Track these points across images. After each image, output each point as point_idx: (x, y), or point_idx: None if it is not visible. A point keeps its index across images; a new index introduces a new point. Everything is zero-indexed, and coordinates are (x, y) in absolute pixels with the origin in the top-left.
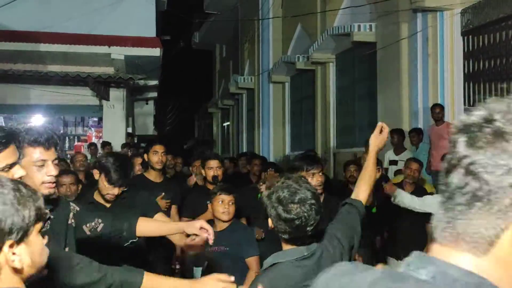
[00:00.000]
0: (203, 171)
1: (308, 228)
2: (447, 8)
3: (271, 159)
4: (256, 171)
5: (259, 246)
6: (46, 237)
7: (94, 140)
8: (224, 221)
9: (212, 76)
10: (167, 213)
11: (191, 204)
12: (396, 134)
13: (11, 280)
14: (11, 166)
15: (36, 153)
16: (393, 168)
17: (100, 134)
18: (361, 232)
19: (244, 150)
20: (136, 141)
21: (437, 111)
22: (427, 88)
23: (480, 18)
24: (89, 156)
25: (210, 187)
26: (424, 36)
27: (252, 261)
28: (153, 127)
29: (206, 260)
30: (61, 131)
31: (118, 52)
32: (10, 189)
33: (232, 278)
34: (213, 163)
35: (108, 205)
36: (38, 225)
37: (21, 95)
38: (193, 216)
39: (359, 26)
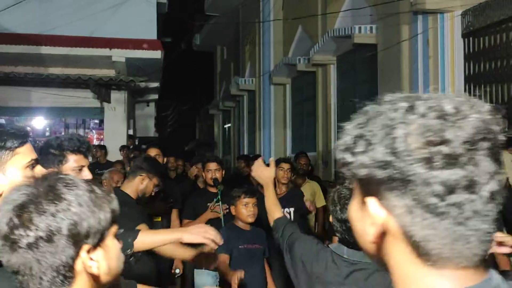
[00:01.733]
0: (203, 174)
1: None
2: (447, 10)
3: None
4: None
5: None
6: (121, 241)
7: (95, 142)
8: (249, 223)
9: (213, 77)
10: (168, 216)
11: (191, 206)
12: None
13: None
14: (35, 162)
15: (77, 160)
16: None
17: (102, 136)
18: None
19: (245, 152)
20: (137, 143)
21: None
22: (428, 90)
23: (480, 20)
24: (90, 159)
25: (211, 189)
26: (425, 38)
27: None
28: (154, 129)
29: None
30: (62, 133)
31: (119, 55)
32: (85, 190)
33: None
34: (212, 165)
35: None
36: (114, 228)
37: (22, 98)
38: (194, 218)
39: (360, 28)
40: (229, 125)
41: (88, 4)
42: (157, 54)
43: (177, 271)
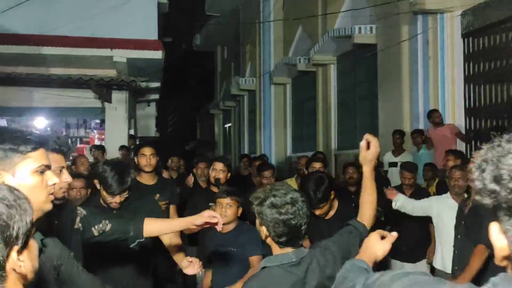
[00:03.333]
0: (206, 172)
1: (302, 227)
2: (447, 10)
3: (273, 161)
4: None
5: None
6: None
7: (96, 142)
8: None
9: (214, 77)
10: (166, 213)
11: (194, 206)
12: (399, 134)
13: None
14: (45, 168)
15: (58, 160)
16: (393, 170)
17: (103, 136)
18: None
19: (246, 152)
20: (138, 143)
21: (436, 115)
22: (428, 90)
23: (480, 20)
24: (91, 159)
25: (214, 189)
26: (425, 38)
27: (253, 260)
28: (155, 129)
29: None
30: (63, 133)
31: (120, 55)
32: (9, 192)
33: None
34: (219, 165)
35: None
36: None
37: (24, 98)
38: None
39: (360, 28)
40: (230, 124)
41: (89, 5)
42: (158, 54)
43: (178, 267)
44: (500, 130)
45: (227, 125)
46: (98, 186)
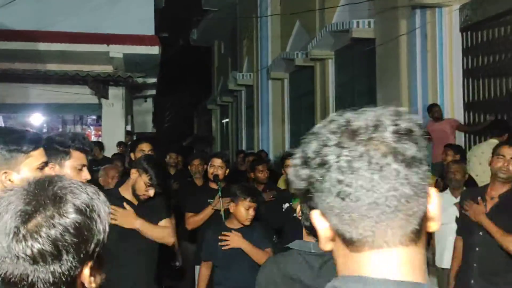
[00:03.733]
0: (201, 169)
1: None
2: (445, 5)
3: (271, 156)
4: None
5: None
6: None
7: (93, 138)
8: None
9: (211, 73)
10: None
11: (194, 204)
12: None
13: None
14: (44, 164)
15: (81, 158)
16: None
17: (100, 133)
18: None
19: (244, 147)
20: (135, 139)
21: (436, 109)
22: (426, 84)
23: (478, 14)
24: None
25: (212, 185)
26: (423, 32)
27: (266, 252)
28: (152, 125)
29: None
30: (60, 130)
31: (117, 51)
32: (102, 202)
33: None
34: (217, 161)
35: (136, 202)
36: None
37: (20, 94)
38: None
39: (358, 23)
40: (227, 120)
41: (86, 0)
42: (154, 49)
43: (177, 263)
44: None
45: (224, 121)
46: (134, 176)
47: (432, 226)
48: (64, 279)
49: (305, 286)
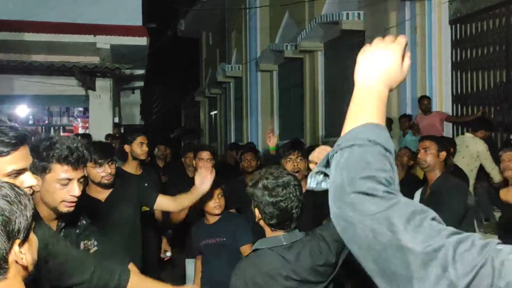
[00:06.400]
0: (194, 162)
1: (293, 211)
2: None
3: (260, 148)
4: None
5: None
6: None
7: (80, 130)
8: (216, 215)
9: (199, 64)
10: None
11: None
12: (387, 122)
13: (18, 279)
14: (19, 172)
15: (63, 172)
16: None
17: (87, 125)
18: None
19: (232, 140)
20: (122, 131)
21: (425, 103)
22: (415, 76)
23: (467, 7)
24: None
25: None
26: (412, 24)
27: (245, 248)
28: (140, 117)
29: (198, 252)
30: (46, 122)
31: (104, 41)
32: (10, 189)
33: None
34: (205, 154)
35: (103, 197)
36: (33, 223)
37: (5, 86)
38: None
39: (347, 14)
40: (216, 112)
41: None
42: (142, 40)
43: (168, 254)
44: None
45: (213, 113)
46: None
47: None
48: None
49: (286, 277)
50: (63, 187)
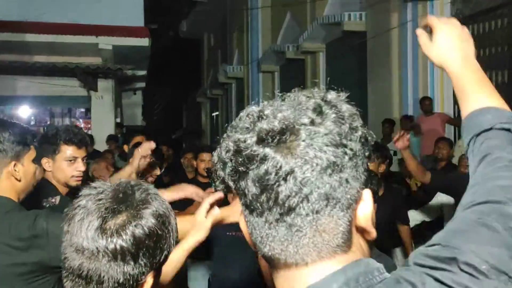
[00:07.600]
0: (194, 163)
1: None
2: None
3: None
4: None
5: None
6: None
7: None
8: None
9: (201, 65)
10: None
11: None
12: (389, 123)
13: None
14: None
15: (69, 150)
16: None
17: (89, 125)
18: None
19: None
20: (124, 132)
21: (427, 103)
22: (417, 77)
23: (470, 8)
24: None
25: (202, 179)
26: (415, 25)
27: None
28: (141, 117)
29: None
30: (48, 122)
31: (106, 42)
32: (173, 218)
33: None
34: (206, 155)
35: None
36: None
37: (7, 86)
38: (183, 208)
39: (349, 15)
40: (217, 113)
41: None
42: (144, 41)
43: None
44: None
45: (214, 114)
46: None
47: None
48: (131, 283)
49: None
50: (70, 163)
